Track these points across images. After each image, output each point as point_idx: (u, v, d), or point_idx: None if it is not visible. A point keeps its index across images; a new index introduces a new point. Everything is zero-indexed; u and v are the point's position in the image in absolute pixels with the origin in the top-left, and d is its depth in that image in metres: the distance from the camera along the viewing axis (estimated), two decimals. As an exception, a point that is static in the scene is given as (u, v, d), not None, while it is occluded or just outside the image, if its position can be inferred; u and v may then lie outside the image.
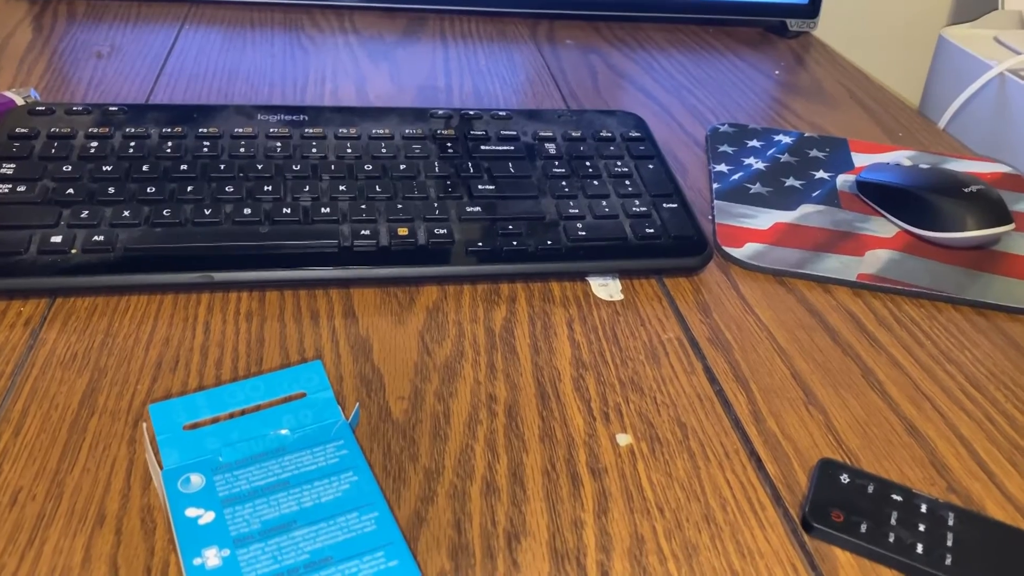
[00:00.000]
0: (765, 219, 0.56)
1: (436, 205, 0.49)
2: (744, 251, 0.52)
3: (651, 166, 0.56)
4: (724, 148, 0.65)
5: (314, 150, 0.52)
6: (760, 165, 0.63)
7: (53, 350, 0.40)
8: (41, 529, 0.32)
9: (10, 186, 0.47)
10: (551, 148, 0.56)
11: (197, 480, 0.32)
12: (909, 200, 0.56)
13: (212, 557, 0.29)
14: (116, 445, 0.35)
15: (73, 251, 0.43)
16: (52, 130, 0.51)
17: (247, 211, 0.47)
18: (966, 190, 0.54)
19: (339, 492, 0.32)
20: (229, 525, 0.30)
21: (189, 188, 0.48)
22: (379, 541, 0.30)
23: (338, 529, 0.31)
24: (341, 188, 0.49)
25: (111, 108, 0.54)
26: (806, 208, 0.58)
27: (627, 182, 0.54)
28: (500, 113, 0.59)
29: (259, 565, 0.29)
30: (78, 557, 0.31)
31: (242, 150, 0.51)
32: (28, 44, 0.71)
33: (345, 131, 0.55)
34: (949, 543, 0.34)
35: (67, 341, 0.41)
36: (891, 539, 0.34)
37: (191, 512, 0.31)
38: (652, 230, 0.50)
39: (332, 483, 0.32)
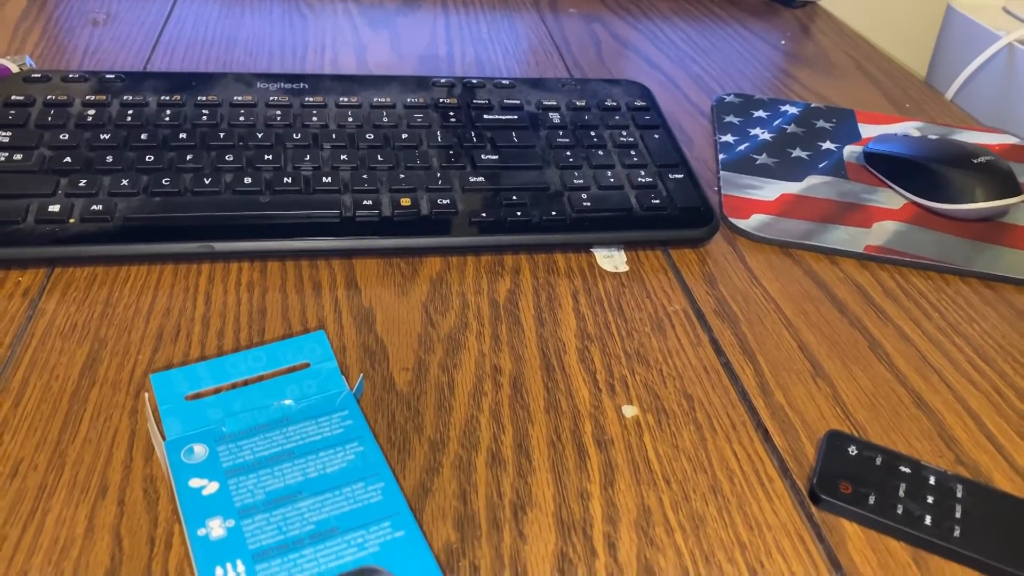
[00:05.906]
0: (771, 190, 0.55)
1: (439, 175, 0.49)
2: (750, 222, 0.52)
3: (656, 136, 0.55)
4: (730, 118, 0.64)
5: (315, 119, 0.51)
6: (766, 136, 0.62)
7: (52, 320, 0.40)
8: (43, 500, 0.31)
9: (6, 154, 0.46)
10: (555, 117, 0.55)
11: (200, 450, 0.32)
12: (917, 171, 0.55)
13: (217, 528, 0.29)
14: (118, 416, 0.35)
15: (71, 220, 0.43)
16: (48, 97, 0.50)
17: (247, 180, 0.46)
18: (975, 161, 0.54)
19: (344, 463, 0.32)
20: (233, 496, 0.30)
21: (188, 157, 0.47)
22: (385, 511, 0.30)
23: (344, 500, 0.30)
24: (342, 157, 0.49)
25: (108, 76, 0.53)
26: (813, 179, 0.57)
27: (632, 152, 0.53)
28: (503, 82, 0.58)
29: (264, 536, 0.29)
30: (81, 528, 0.31)
31: (242, 119, 0.51)
32: (23, 11, 0.70)
33: (346, 100, 0.54)
34: (958, 515, 0.34)
35: (66, 311, 0.40)
36: (899, 511, 0.34)
37: (195, 483, 0.30)
38: (658, 201, 0.49)
39: (337, 453, 0.32)
